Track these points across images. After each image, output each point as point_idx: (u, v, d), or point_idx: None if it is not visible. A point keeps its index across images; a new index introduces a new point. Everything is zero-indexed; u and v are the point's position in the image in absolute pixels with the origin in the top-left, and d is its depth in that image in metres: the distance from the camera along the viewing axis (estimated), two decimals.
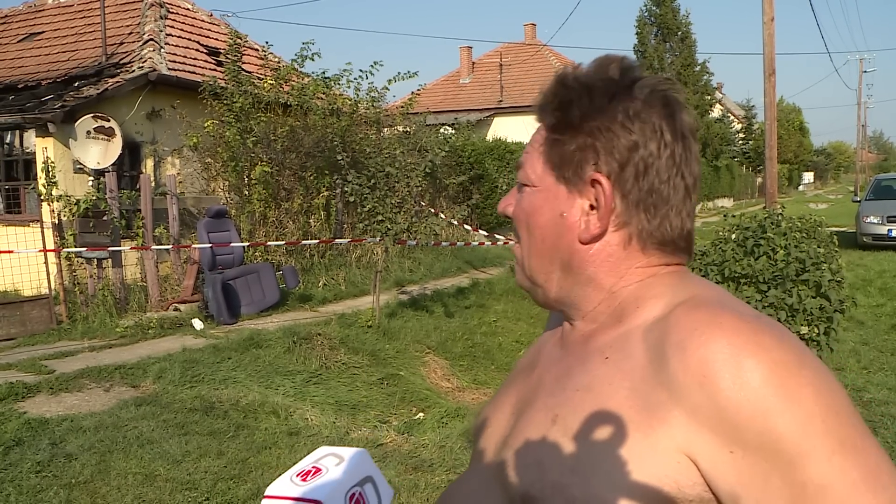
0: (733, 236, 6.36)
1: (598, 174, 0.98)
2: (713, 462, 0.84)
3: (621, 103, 0.98)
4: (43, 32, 14.53)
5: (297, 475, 0.93)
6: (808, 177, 67.64)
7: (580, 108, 0.99)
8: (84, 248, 9.48)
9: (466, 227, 15.17)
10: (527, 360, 1.18)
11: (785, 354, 0.84)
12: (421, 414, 6.55)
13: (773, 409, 0.81)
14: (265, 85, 12.18)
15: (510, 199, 1.11)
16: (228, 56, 12.06)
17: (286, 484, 0.91)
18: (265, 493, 0.91)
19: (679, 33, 31.88)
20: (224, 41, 13.21)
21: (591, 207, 1.00)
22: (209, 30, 14.88)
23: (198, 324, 8.68)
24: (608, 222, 1.00)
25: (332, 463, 0.95)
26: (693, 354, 0.85)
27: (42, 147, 10.76)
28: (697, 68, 32.97)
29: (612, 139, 0.98)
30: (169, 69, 12.15)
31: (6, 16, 15.84)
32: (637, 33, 32.50)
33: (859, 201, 19.79)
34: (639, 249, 1.01)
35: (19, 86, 12.48)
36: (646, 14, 32.12)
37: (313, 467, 0.94)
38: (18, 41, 14.59)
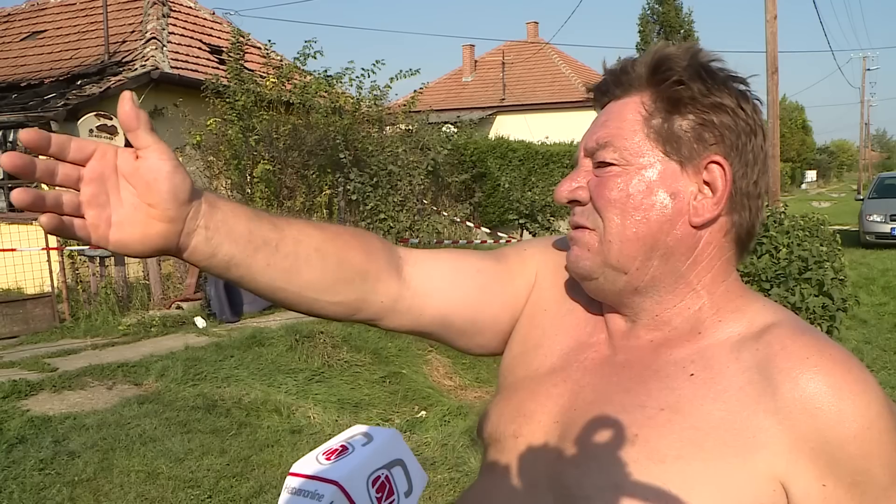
0: None
1: (718, 156, 0.93)
2: (805, 492, 0.84)
3: (734, 89, 0.95)
4: (46, 31, 14.54)
5: (324, 453, 0.90)
6: (811, 175, 67.49)
7: (702, 82, 0.94)
8: (87, 247, 9.48)
9: (469, 224, 15.18)
10: (550, 359, 1.06)
11: (883, 397, 0.86)
12: (423, 412, 6.54)
13: (874, 452, 0.83)
14: (267, 83, 12.20)
15: (572, 182, 1.01)
16: (231, 54, 12.08)
17: (310, 462, 0.88)
18: (290, 471, 0.88)
19: (682, 31, 31.87)
20: (226, 39, 13.21)
21: (699, 190, 0.94)
22: (211, 28, 14.89)
23: (200, 322, 8.68)
24: (722, 208, 0.94)
25: (360, 442, 0.91)
26: (807, 384, 0.84)
27: None
28: None
29: (735, 121, 0.94)
30: (171, 67, 12.15)
31: (9, 14, 15.85)
32: (640, 31, 32.50)
33: (862, 200, 19.77)
34: (731, 242, 0.97)
35: (22, 84, 12.50)
36: (648, 12, 32.14)
37: (341, 445, 0.91)
38: (21, 40, 14.61)
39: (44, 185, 0.79)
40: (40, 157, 0.80)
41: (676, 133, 0.94)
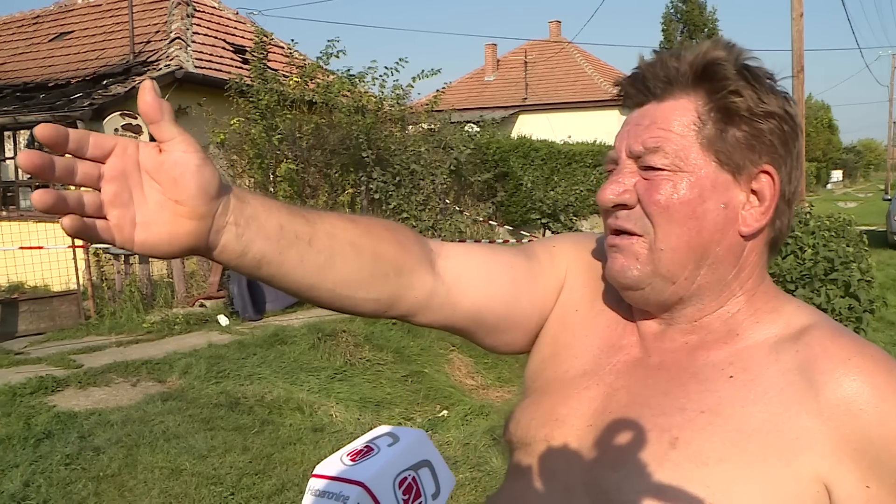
0: None
1: (769, 165, 0.93)
2: (849, 494, 0.83)
3: (779, 93, 0.95)
4: (72, 32, 14.69)
5: (348, 454, 0.88)
6: (837, 175, 66.70)
7: (754, 90, 0.93)
8: (112, 245, 9.57)
9: (492, 223, 15.16)
10: (580, 361, 1.04)
11: None
12: (445, 411, 6.54)
13: None
14: (291, 82, 12.24)
15: (618, 184, 0.96)
16: (254, 54, 12.14)
17: (334, 463, 0.87)
18: (313, 472, 0.86)
19: (706, 30, 31.62)
20: (250, 39, 13.28)
21: (747, 199, 0.94)
22: (235, 28, 14.98)
23: (223, 320, 8.74)
24: (769, 217, 0.94)
25: (386, 443, 0.89)
26: (850, 386, 0.84)
27: None
28: None
29: (783, 128, 0.94)
30: (195, 67, 12.24)
31: (38, 16, 16.04)
32: (663, 30, 32.29)
33: (890, 200, 19.54)
34: (769, 247, 0.98)
35: (49, 84, 12.64)
36: (672, 11, 31.91)
37: (366, 446, 0.89)
38: (49, 41, 14.78)
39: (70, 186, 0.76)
40: (62, 154, 0.75)
41: (730, 143, 0.93)
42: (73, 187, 0.77)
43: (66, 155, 0.75)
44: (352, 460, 0.86)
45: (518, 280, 1.09)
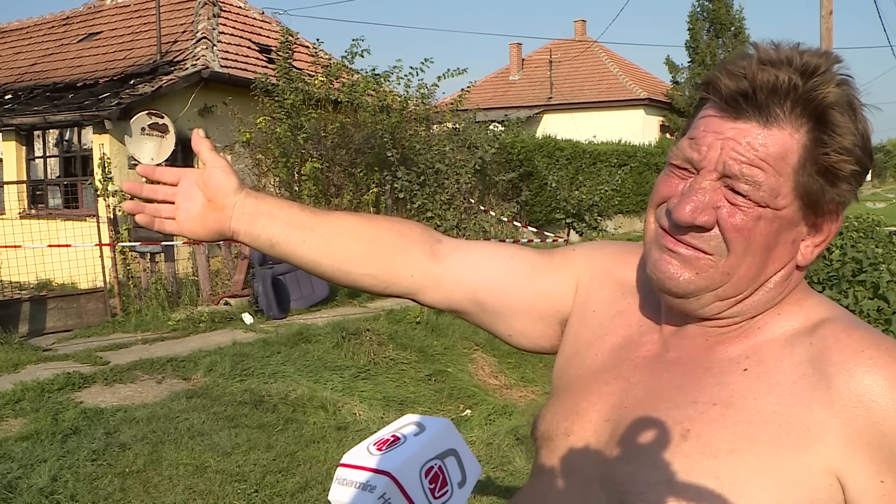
0: None
1: (840, 208, 0.93)
2: (863, 489, 0.82)
3: (870, 138, 0.93)
4: (101, 32, 14.85)
5: (375, 444, 0.88)
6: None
7: (860, 150, 0.91)
8: (138, 243, 9.67)
9: (516, 223, 15.13)
10: (601, 357, 1.05)
11: None
12: (468, 411, 6.54)
13: None
14: (316, 82, 12.29)
15: (698, 203, 0.90)
16: (280, 53, 12.20)
17: (362, 453, 0.88)
18: (340, 461, 0.87)
19: (732, 29, 31.24)
20: (275, 39, 13.36)
21: (807, 234, 0.94)
22: (261, 27, 15.06)
23: (248, 318, 8.78)
24: (823, 248, 0.96)
25: (412, 433, 0.89)
26: (863, 377, 0.83)
27: (99, 143, 11.00)
28: None
29: (864, 177, 0.94)
30: (221, 66, 12.32)
31: (67, 17, 16.23)
32: (689, 29, 31.96)
33: None
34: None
35: (78, 84, 12.78)
36: (698, 9, 31.54)
37: (392, 436, 0.89)
38: (78, 41, 14.95)
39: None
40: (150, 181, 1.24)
41: (820, 193, 0.92)
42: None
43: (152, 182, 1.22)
44: (378, 450, 0.87)
45: (518, 268, 1.18)
